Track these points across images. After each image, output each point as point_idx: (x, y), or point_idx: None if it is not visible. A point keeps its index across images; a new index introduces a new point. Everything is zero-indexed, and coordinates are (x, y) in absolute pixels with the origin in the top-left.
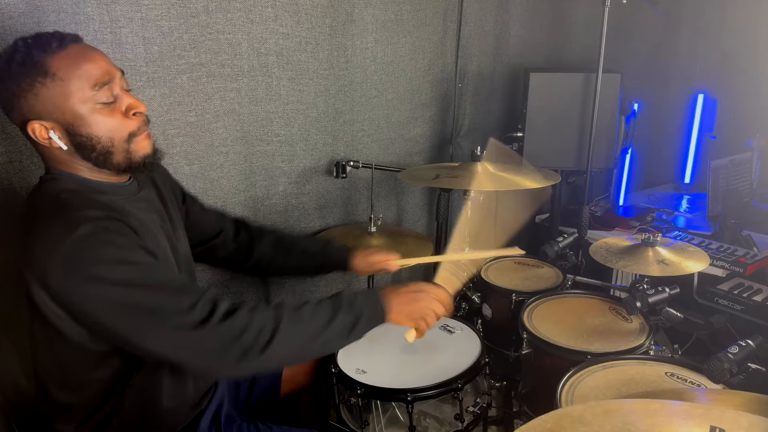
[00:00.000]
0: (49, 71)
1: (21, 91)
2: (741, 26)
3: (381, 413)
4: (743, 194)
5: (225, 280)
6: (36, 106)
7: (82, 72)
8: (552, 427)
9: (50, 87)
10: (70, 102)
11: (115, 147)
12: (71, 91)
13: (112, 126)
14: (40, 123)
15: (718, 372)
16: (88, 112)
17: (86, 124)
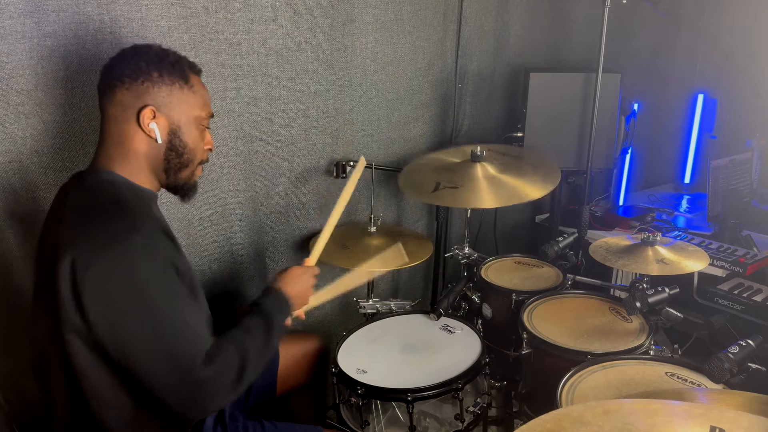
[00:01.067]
0: (189, 81)
1: (161, 80)
2: (741, 26)
3: (381, 413)
4: (743, 194)
5: (225, 280)
6: (161, 99)
7: (205, 98)
8: (552, 427)
9: (185, 92)
10: (190, 112)
11: (191, 164)
12: (195, 105)
13: (198, 147)
14: (153, 110)
15: (718, 372)
16: (194, 126)
17: (187, 134)
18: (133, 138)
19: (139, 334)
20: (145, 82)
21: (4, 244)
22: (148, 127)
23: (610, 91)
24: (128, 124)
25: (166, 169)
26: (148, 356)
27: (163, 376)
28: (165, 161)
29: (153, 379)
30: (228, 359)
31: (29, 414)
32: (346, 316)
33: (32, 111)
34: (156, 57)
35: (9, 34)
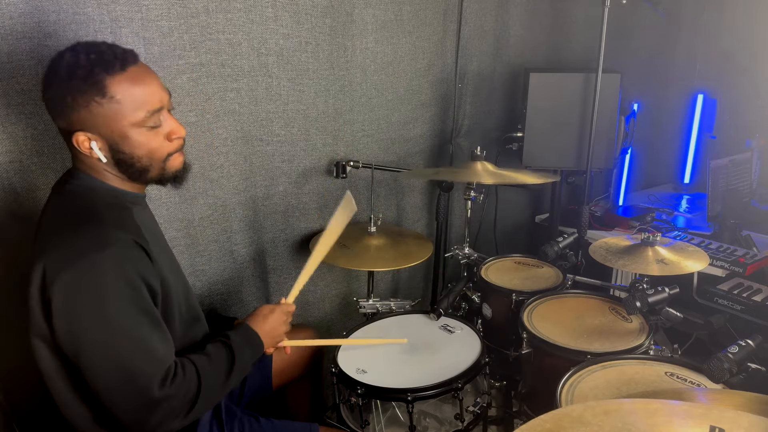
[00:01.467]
0: (108, 92)
1: (76, 104)
2: (740, 26)
3: (381, 413)
4: (743, 194)
5: (225, 280)
6: (86, 121)
7: (138, 98)
8: (552, 427)
9: (105, 107)
10: (120, 123)
11: (152, 166)
12: (124, 114)
13: (153, 147)
14: (86, 135)
15: (718, 372)
16: (134, 134)
17: (130, 144)
18: (85, 158)
19: (98, 349)
20: (63, 109)
21: (5, 244)
22: (88, 150)
23: (610, 91)
24: (74, 147)
25: (129, 176)
26: (103, 370)
27: (117, 391)
28: (122, 172)
29: (106, 393)
30: (186, 384)
31: (29, 414)
32: (346, 316)
33: (32, 111)
34: (66, 75)
35: (9, 34)
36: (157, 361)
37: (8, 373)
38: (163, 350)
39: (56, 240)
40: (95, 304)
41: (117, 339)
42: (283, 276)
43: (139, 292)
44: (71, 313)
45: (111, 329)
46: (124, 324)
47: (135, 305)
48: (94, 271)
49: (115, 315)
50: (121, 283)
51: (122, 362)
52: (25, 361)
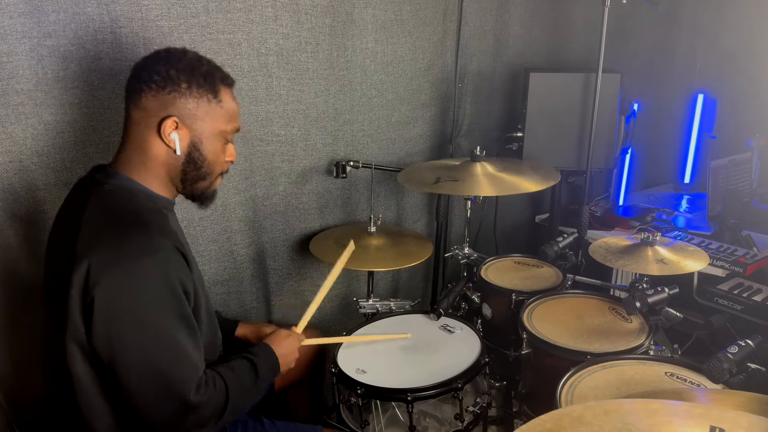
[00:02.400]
0: (218, 95)
1: (188, 91)
2: (740, 26)
3: (381, 413)
4: (743, 194)
5: (225, 280)
6: (186, 110)
7: (233, 112)
8: (552, 427)
9: (212, 106)
10: (214, 125)
11: (209, 176)
12: (220, 119)
13: (219, 160)
14: (176, 122)
15: (718, 372)
16: (216, 140)
17: (208, 147)
18: (153, 145)
19: (135, 354)
20: (172, 92)
21: (5, 244)
22: (168, 137)
23: (610, 91)
24: (149, 130)
25: (182, 180)
26: (140, 375)
27: (152, 396)
28: (182, 172)
29: (141, 398)
30: (217, 394)
31: (29, 414)
32: (346, 316)
33: (32, 111)
34: (188, 66)
35: (9, 34)
36: (192, 367)
37: (8, 373)
38: (197, 357)
39: (102, 242)
40: (137, 309)
41: (156, 345)
42: (283, 276)
43: (179, 299)
44: (112, 316)
45: (150, 335)
46: (163, 330)
47: (175, 312)
48: (139, 275)
49: (155, 321)
50: (164, 289)
51: (160, 368)
52: (25, 361)
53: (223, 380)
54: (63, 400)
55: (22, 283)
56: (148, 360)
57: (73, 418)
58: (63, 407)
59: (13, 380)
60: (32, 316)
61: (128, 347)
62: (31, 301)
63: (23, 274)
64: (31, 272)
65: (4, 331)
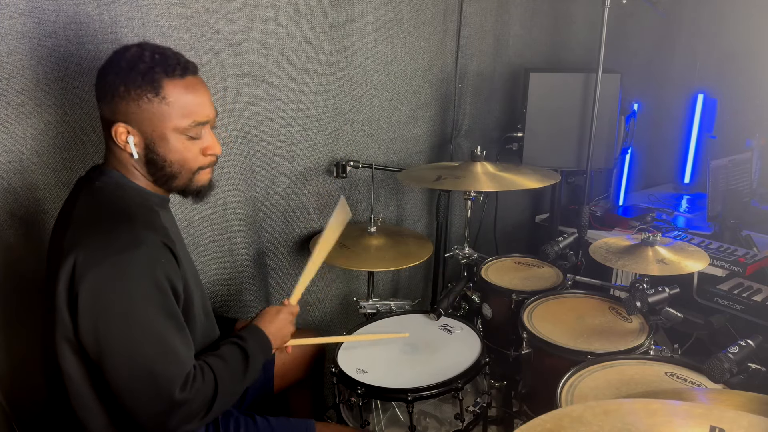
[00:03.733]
0: (161, 92)
1: (127, 95)
2: (740, 26)
3: (381, 413)
4: (743, 194)
5: (225, 280)
6: (131, 114)
7: (188, 106)
8: (552, 427)
9: (154, 106)
10: (163, 125)
11: (181, 175)
12: (170, 117)
13: (187, 157)
14: (126, 127)
15: (718, 372)
16: (173, 139)
17: (165, 148)
18: (117, 150)
19: (121, 349)
20: (114, 97)
21: (4, 244)
22: (124, 142)
23: (610, 91)
24: (109, 137)
25: (155, 180)
26: (126, 372)
27: (138, 393)
28: (149, 174)
29: (127, 394)
30: (204, 387)
31: (29, 414)
32: (346, 316)
33: (32, 111)
34: (126, 67)
35: (9, 34)
36: (179, 364)
37: (8, 373)
38: (185, 354)
39: (89, 236)
40: (123, 304)
41: (142, 341)
42: (283, 276)
43: (166, 295)
44: (98, 311)
45: (137, 330)
46: (149, 326)
47: (161, 307)
48: (124, 270)
49: (141, 316)
50: (150, 285)
51: (146, 364)
52: (25, 361)
53: (212, 371)
54: (59, 399)
55: (22, 283)
56: (134, 356)
57: (71, 418)
58: (60, 406)
59: (12, 380)
60: (32, 316)
61: (113, 342)
62: (31, 301)
63: (23, 274)
64: (31, 272)
65: (4, 331)
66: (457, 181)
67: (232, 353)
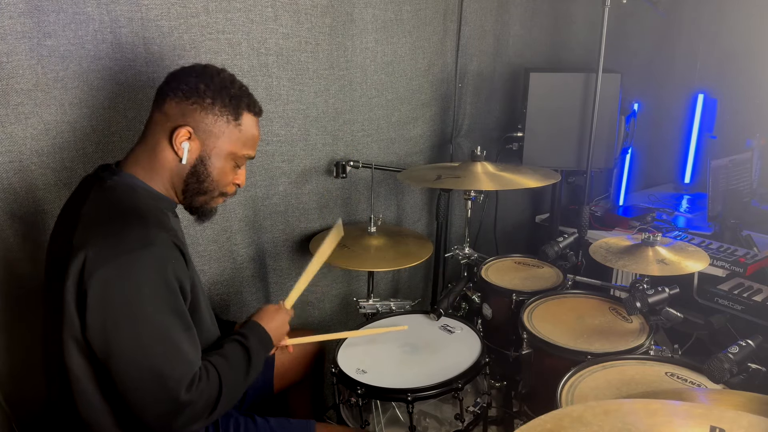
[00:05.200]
0: (240, 120)
1: (211, 107)
2: (740, 26)
3: (381, 413)
4: (743, 194)
5: (225, 280)
6: (203, 126)
7: (250, 140)
8: (552, 427)
9: (230, 127)
10: (226, 146)
11: (209, 193)
12: (234, 141)
13: (224, 182)
14: (190, 131)
15: (718, 372)
16: (224, 161)
17: (214, 165)
18: (163, 149)
19: (130, 348)
20: (195, 103)
21: (4, 244)
22: (179, 145)
23: (610, 91)
24: (164, 134)
25: (184, 190)
26: (134, 371)
27: (145, 392)
28: (185, 182)
29: (134, 394)
30: (209, 387)
31: (29, 414)
32: (346, 316)
33: (32, 111)
34: (219, 84)
35: (9, 34)
36: (187, 364)
37: (8, 374)
38: (192, 354)
39: (99, 234)
40: (132, 303)
41: (150, 340)
42: (283, 276)
43: (174, 294)
44: (106, 309)
45: (145, 330)
46: (158, 325)
47: (170, 307)
48: (134, 269)
49: (150, 315)
50: (160, 284)
51: (153, 364)
52: (25, 361)
53: (217, 371)
54: (62, 399)
55: (22, 283)
56: (142, 356)
57: (73, 418)
58: (62, 406)
59: (12, 380)
60: (32, 316)
61: (121, 341)
62: (31, 301)
63: (23, 274)
64: (31, 272)
65: (4, 331)
66: (457, 181)
67: (234, 351)
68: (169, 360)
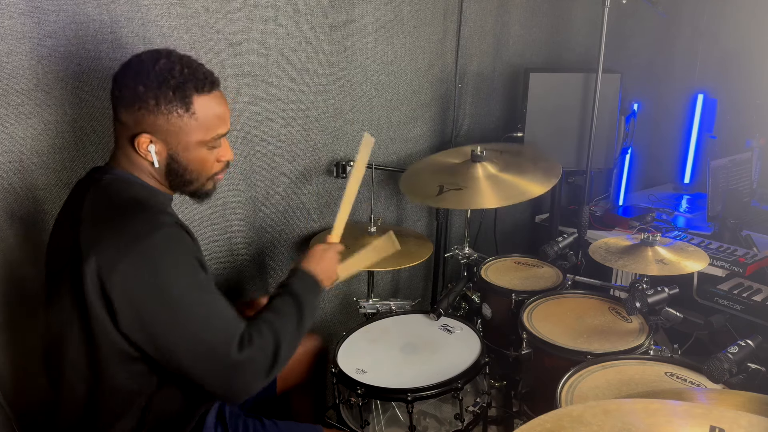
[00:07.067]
0: (191, 109)
1: (157, 109)
2: (740, 26)
3: (381, 413)
4: (743, 194)
5: (224, 280)
6: (158, 127)
7: (213, 120)
8: (552, 427)
9: (184, 120)
10: (189, 138)
11: (197, 180)
12: (196, 131)
13: (205, 165)
14: (149, 137)
15: (718, 372)
16: (196, 150)
17: (187, 158)
18: (135, 155)
19: (172, 331)
20: (141, 109)
21: (4, 244)
22: (145, 151)
23: (610, 91)
24: (128, 143)
25: (170, 186)
26: (183, 350)
27: (202, 365)
28: (167, 179)
29: (193, 369)
30: (262, 342)
31: (30, 414)
32: (346, 316)
33: (32, 111)
34: (156, 80)
35: (9, 34)
36: (230, 325)
37: (8, 374)
38: (230, 315)
39: (107, 231)
40: (157, 287)
41: (187, 315)
42: (283, 276)
43: (194, 266)
44: (135, 301)
45: (179, 307)
46: (189, 298)
47: (195, 280)
48: (150, 254)
49: (179, 292)
50: (178, 260)
51: (198, 335)
52: (26, 361)
53: (268, 325)
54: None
55: (22, 283)
56: (185, 332)
57: (76, 420)
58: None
59: (13, 381)
60: (32, 316)
61: (161, 326)
62: (31, 301)
63: (23, 274)
64: (31, 272)
65: (4, 331)
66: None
67: (283, 303)
68: (211, 328)
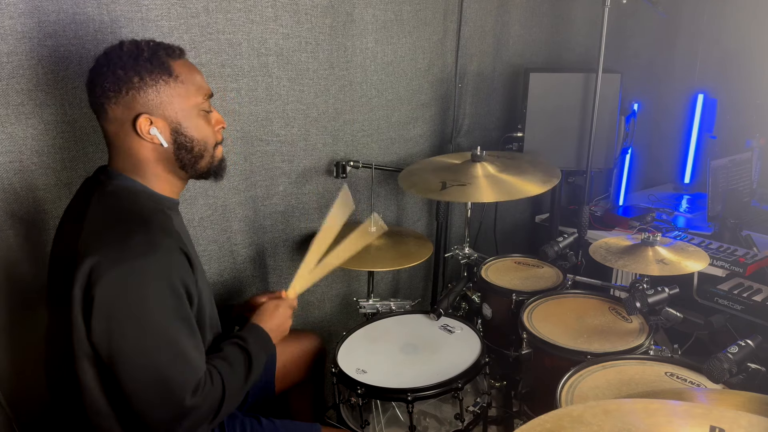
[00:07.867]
0: (173, 73)
1: (144, 84)
2: (741, 26)
3: (381, 413)
4: (743, 194)
5: (225, 280)
6: (152, 102)
7: (197, 80)
8: (552, 427)
9: (172, 86)
10: (186, 103)
11: (206, 151)
12: (187, 94)
13: (207, 133)
14: (148, 117)
15: (718, 372)
16: (195, 116)
17: (191, 127)
18: (140, 148)
19: (135, 354)
20: (129, 91)
21: (4, 244)
22: (148, 134)
23: (610, 91)
24: (129, 136)
25: (182, 167)
26: (140, 376)
27: (150, 397)
28: (178, 160)
29: (139, 399)
30: (213, 392)
31: (30, 414)
32: (346, 316)
33: (32, 111)
34: (130, 58)
35: (9, 34)
36: (192, 370)
37: (8, 374)
38: (197, 359)
39: (105, 240)
40: (137, 308)
41: (156, 346)
42: (283, 276)
43: (181, 300)
44: (112, 314)
45: (151, 335)
46: (164, 331)
47: (176, 312)
48: (140, 274)
49: (156, 321)
50: (166, 289)
51: (159, 370)
52: (26, 362)
53: (220, 375)
54: (70, 404)
55: (22, 284)
56: (148, 361)
57: (76, 421)
58: (69, 411)
59: (13, 381)
60: (32, 316)
61: (126, 346)
62: (31, 301)
63: (23, 275)
64: (31, 272)
65: (4, 332)
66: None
67: (236, 356)
68: (175, 366)
